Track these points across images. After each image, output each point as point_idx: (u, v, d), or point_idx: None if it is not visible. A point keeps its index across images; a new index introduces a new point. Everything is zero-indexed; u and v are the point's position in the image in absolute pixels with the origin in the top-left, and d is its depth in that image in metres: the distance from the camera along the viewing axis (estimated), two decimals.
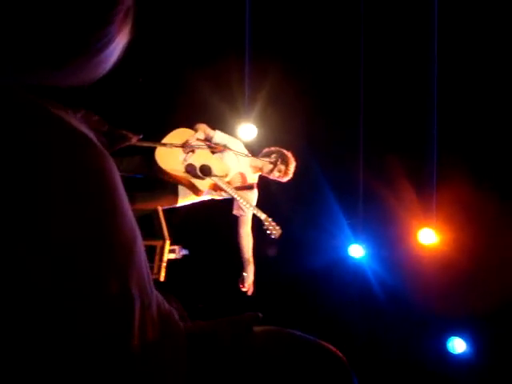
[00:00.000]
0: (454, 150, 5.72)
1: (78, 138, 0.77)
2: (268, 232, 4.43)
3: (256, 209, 4.51)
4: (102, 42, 0.83)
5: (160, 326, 0.83)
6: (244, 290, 4.59)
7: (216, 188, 4.47)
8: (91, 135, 0.79)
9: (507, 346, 5.48)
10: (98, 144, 0.79)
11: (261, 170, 4.79)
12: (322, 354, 0.95)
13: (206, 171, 4.37)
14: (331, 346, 0.97)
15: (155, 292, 0.86)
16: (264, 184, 5.00)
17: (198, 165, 4.37)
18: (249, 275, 4.60)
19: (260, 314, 0.97)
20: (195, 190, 4.41)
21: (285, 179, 4.75)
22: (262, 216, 4.44)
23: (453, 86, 5.63)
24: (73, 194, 0.72)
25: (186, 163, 4.35)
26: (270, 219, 4.44)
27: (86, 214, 0.73)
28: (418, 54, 5.68)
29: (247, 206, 4.50)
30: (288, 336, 0.97)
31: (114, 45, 0.86)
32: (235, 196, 4.48)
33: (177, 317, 0.91)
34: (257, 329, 0.95)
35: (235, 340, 0.92)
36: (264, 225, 4.43)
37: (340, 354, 0.96)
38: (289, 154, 4.73)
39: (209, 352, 0.89)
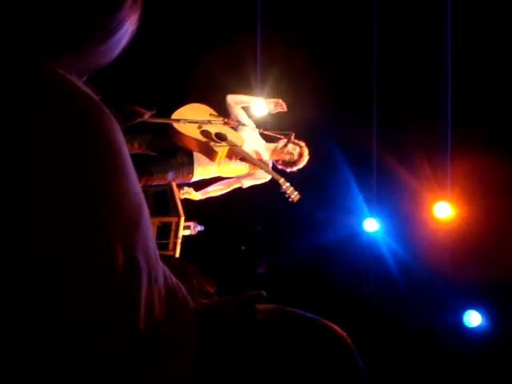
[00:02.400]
0: (468, 122, 5.67)
1: (83, 99, 0.76)
2: (286, 196, 4.40)
3: (273, 172, 4.50)
4: (110, 28, 0.85)
5: (167, 300, 0.81)
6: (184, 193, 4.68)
7: (231, 155, 4.44)
8: (97, 99, 0.78)
9: None
10: (105, 108, 0.78)
11: (274, 151, 4.78)
12: (323, 333, 0.94)
13: (221, 137, 4.36)
14: (334, 325, 0.96)
15: (162, 264, 0.84)
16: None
17: (213, 132, 4.37)
18: (191, 192, 4.70)
19: (264, 293, 0.96)
20: (211, 154, 4.38)
21: (295, 166, 4.75)
22: (280, 179, 4.41)
23: (467, 56, 5.57)
24: (77, 154, 0.71)
25: (202, 129, 4.34)
26: (287, 183, 4.42)
27: (90, 175, 0.72)
28: (431, 23, 5.61)
29: (264, 169, 4.50)
30: (289, 314, 0.97)
31: (122, 31, 0.88)
32: (251, 160, 4.47)
33: (185, 291, 0.89)
34: (259, 307, 0.95)
35: (237, 319, 0.91)
36: (282, 188, 4.40)
37: (343, 333, 0.95)
38: (303, 144, 4.77)
39: (213, 330, 0.88)
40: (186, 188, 4.70)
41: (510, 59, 5.35)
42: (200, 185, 4.86)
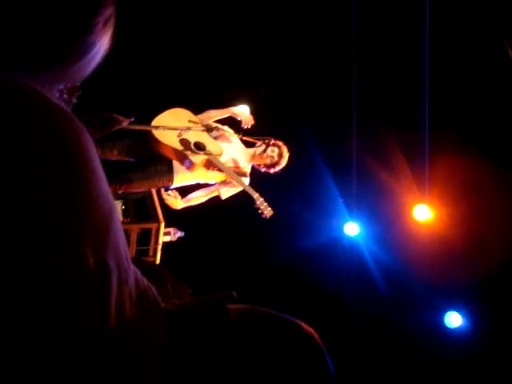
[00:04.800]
0: (446, 124, 5.72)
1: (52, 109, 0.77)
2: (259, 212, 4.42)
3: (248, 187, 4.50)
4: (80, 51, 0.87)
5: (138, 301, 0.83)
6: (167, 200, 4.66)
7: (209, 165, 4.46)
8: (66, 108, 0.79)
9: (503, 318, 5.52)
10: (74, 116, 0.79)
11: (253, 156, 4.79)
12: (293, 331, 0.96)
13: (200, 147, 4.36)
14: (304, 324, 0.98)
15: (133, 267, 0.86)
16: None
17: (192, 141, 4.36)
18: (178, 196, 4.68)
19: (234, 293, 0.97)
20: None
21: (277, 166, 4.77)
22: (255, 195, 4.43)
23: (444, 59, 5.62)
24: (44, 164, 0.72)
25: (181, 138, 4.33)
26: (261, 199, 4.43)
27: (59, 183, 0.73)
28: (409, 26, 5.66)
29: (239, 183, 4.50)
30: (260, 313, 0.98)
31: (94, 52, 0.90)
32: (227, 172, 4.48)
33: (156, 293, 0.90)
34: (230, 307, 0.96)
35: (209, 318, 0.92)
36: (255, 204, 4.42)
37: (311, 330, 0.97)
38: (281, 143, 4.78)
39: (185, 329, 0.89)
40: (173, 192, 4.66)
41: (486, 62, 5.42)
42: (179, 191, 4.85)
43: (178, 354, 0.85)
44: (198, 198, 4.79)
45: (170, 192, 4.63)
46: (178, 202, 4.67)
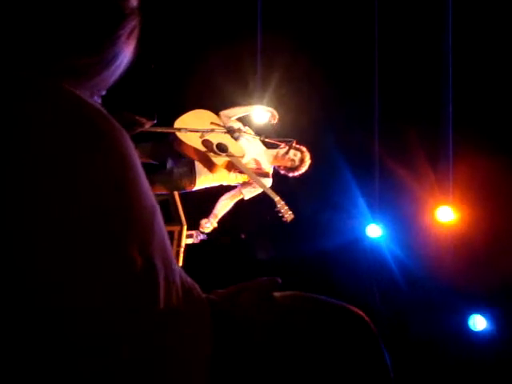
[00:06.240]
0: (470, 126, 5.67)
1: (91, 111, 0.78)
2: (280, 215, 4.42)
3: (269, 190, 4.49)
4: (104, 62, 0.88)
5: (184, 299, 0.83)
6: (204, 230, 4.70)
7: (230, 167, 4.46)
8: (104, 110, 0.81)
9: None
10: (114, 120, 0.80)
11: (276, 157, 4.79)
12: (347, 316, 0.93)
13: (222, 148, 4.37)
14: (357, 309, 0.95)
15: (178, 267, 0.86)
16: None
17: (215, 142, 4.37)
18: (211, 221, 4.69)
19: (279, 279, 0.96)
20: (210, 166, 4.39)
21: (296, 171, 4.76)
22: (276, 198, 4.42)
23: (468, 60, 5.57)
24: (86, 166, 0.73)
25: (203, 139, 4.34)
26: (282, 202, 4.42)
27: (103, 184, 0.74)
28: (433, 26, 5.62)
29: (260, 186, 4.50)
30: (311, 299, 0.96)
31: (117, 63, 0.91)
32: (249, 174, 4.48)
33: (200, 290, 0.91)
34: (277, 294, 0.94)
35: (256, 305, 0.91)
36: (276, 207, 4.41)
37: (368, 320, 0.94)
38: (305, 149, 4.77)
39: (231, 318, 0.88)
40: (210, 221, 4.68)
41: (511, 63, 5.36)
42: (202, 193, 4.85)
43: (224, 344, 0.85)
44: (224, 206, 4.77)
45: (209, 222, 4.66)
46: (212, 224, 4.69)
